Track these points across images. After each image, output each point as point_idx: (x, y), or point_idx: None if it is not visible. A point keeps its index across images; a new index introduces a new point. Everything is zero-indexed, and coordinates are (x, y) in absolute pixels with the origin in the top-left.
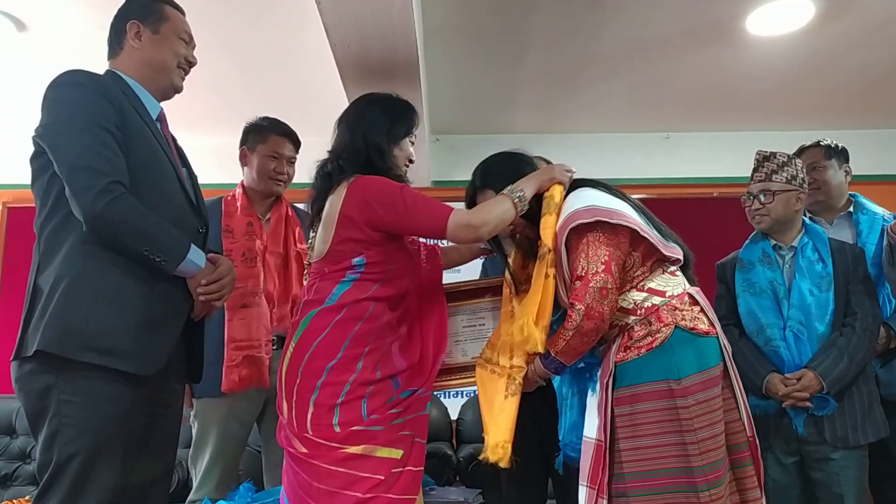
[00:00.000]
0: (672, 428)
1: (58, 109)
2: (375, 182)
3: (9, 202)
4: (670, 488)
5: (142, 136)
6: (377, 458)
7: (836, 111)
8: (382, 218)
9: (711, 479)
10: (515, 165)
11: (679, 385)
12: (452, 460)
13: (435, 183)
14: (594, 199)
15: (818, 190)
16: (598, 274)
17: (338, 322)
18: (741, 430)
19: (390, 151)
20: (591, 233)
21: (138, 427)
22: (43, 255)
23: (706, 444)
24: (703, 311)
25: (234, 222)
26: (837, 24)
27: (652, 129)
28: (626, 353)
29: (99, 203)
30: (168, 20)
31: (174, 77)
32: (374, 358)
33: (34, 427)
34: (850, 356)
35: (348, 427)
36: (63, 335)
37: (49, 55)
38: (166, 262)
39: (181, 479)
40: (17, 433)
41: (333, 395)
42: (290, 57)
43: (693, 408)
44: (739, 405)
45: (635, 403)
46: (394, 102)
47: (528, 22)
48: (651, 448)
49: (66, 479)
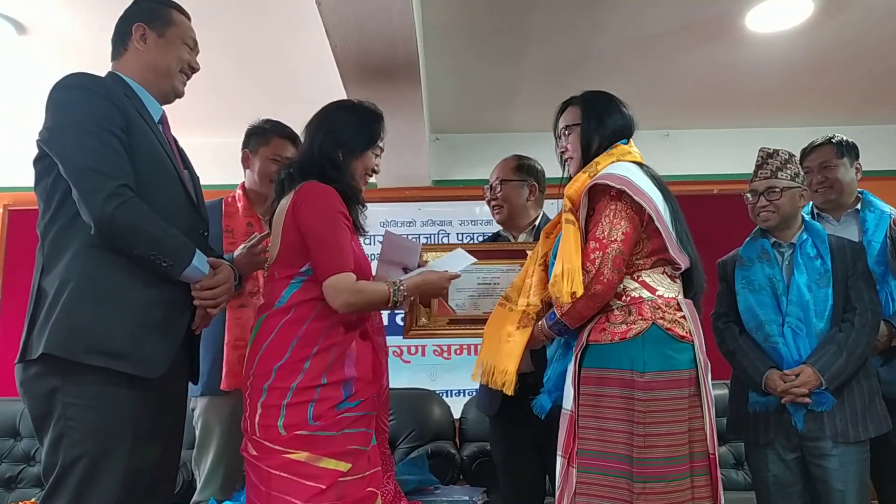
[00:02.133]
0: (625, 416)
1: (63, 112)
2: (318, 194)
3: (10, 205)
4: (615, 472)
5: (145, 138)
6: (320, 467)
7: (836, 107)
8: (304, 226)
9: (648, 473)
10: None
11: (642, 378)
12: (456, 459)
13: (435, 182)
14: (632, 173)
15: (830, 188)
16: (616, 242)
17: (286, 323)
18: (702, 439)
19: (346, 163)
20: (620, 202)
21: (143, 429)
22: (47, 258)
23: (652, 440)
24: (684, 318)
25: (235, 223)
26: (836, 20)
27: (652, 126)
28: (601, 335)
29: (109, 206)
30: (174, 25)
31: (176, 82)
32: (322, 360)
33: (39, 430)
34: (849, 351)
35: (293, 430)
36: (69, 338)
37: (49, 58)
38: (172, 266)
39: (185, 480)
40: (21, 435)
41: (280, 396)
42: (289, 57)
43: (650, 402)
44: (705, 418)
45: (601, 386)
46: (359, 111)
47: (528, 20)
48: (609, 431)
49: (71, 481)
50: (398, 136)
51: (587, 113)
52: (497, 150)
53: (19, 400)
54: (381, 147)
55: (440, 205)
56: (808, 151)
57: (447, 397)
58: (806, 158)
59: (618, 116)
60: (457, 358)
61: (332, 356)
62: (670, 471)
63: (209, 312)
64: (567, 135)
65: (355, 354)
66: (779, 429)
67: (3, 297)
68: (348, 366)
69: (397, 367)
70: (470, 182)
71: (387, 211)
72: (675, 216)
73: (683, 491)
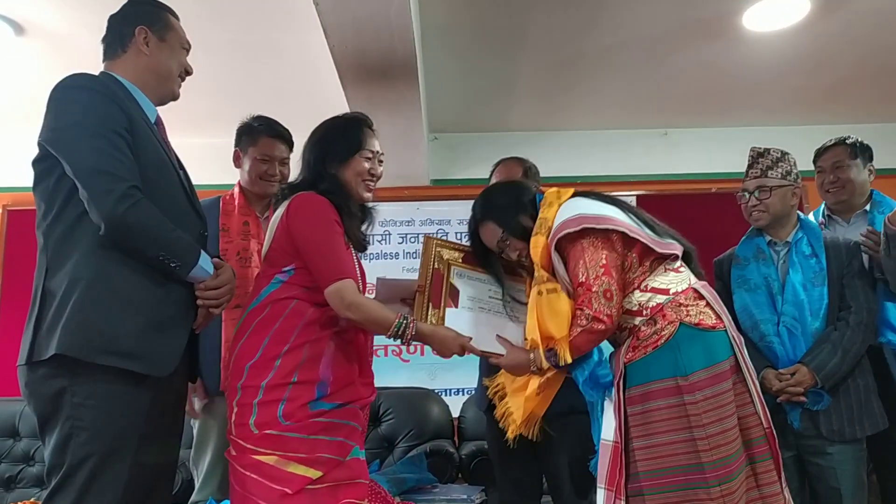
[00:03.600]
0: (681, 425)
1: (67, 113)
2: (310, 204)
3: (9, 205)
4: (683, 485)
5: (148, 140)
6: (288, 471)
7: (834, 106)
8: (299, 238)
9: (722, 474)
10: (514, 196)
11: (686, 381)
12: (455, 458)
13: (434, 181)
14: (582, 207)
15: (842, 188)
16: (599, 278)
17: (260, 321)
18: (757, 423)
19: (335, 173)
20: (585, 239)
21: (149, 429)
22: (52, 259)
23: (716, 440)
24: (708, 305)
25: (231, 221)
26: (833, 19)
27: (650, 125)
28: (634, 353)
29: (120, 207)
30: (173, 29)
31: (175, 85)
32: (294, 358)
33: (44, 430)
34: (844, 350)
35: (264, 429)
36: (81, 338)
37: (47, 59)
38: (180, 267)
39: (184, 480)
40: (21, 435)
41: (253, 395)
42: (287, 57)
43: (701, 403)
44: (754, 398)
45: (646, 402)
46: (341, 120)
47: (525, 19)
48: (663, 445)
49: (77, 480)
50: (396, 135)
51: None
52: (495, 149)
53: (19, 400)
54: (371, 151)
55: (438, 204)
56: (822, 151)
57: (446, 396)
58: (819, 158)
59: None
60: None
61: (305, 354)
62: (737, 465)
63: (211, 312)
64: (504, 242)
65: (332, 354)
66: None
67: (3, 298)
68: (324, 365)
69: (396, 366)
70: (468, 181)
71: (385, 210)
72: (637, 215)
73: (747, 480)
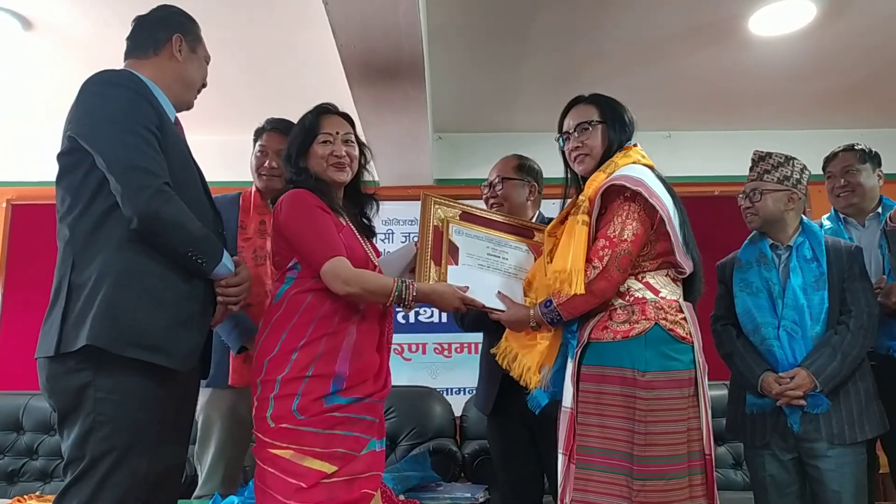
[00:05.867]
0: (627, 414)
1: (100, 108)
2: (291, 197)
3: (13, 199)
4: (614, 469)
5: (175, 138)
6: (304, 465)
7: (839, 110)
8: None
9: (648, 471)
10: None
11: (643, 377)
12: (457, 456)
13: (437, 181)
14: (647, 176)
15: (852, 192)
16: (626, 242)
17: (278, 318)
18: (698, 439)
19: (304, 167)
20: (634, 203)
21: (167, 423)
22: (79, 252)
23: (653, 439)
24: (685, 320)
25: (249, 219)
26: (839, 24)
27: (654, 127)
28: (603, 333)
29: (154, 203)
30: (202, 43)
31: (193, 95)
32: (310, 352)
33: (65, 423)
34: (844, 354)
35: (280, 422)
36: (112, 330)
37: (54, 54)
38: (206, 263)
39: (188, 475)
40: (24, 429)
41: (270, 389)
42: (295, 56)
43: (651, 401)
44: (702, 419)
45: (602, 384)
46: (300, 119)
47: (532, 21)
48: (611, 428)
49: (96, 474)
50: (401, 135)
51: (608, 112)
52: (499, 149)
53: (22, 394)
54: (329, 133)
55: None
56: (831, 157)
57: (448, 395)
58: (829, 164)
59: (629, 120)
60: (457, 356)
61: (322, 348)
62: (669, 469)
63: (230, 309)
64: (585, 130)
65: (350, 348)
66: (775, 430)
67: (6, 292)
68: (341, 359)
69: (398, 365)
70: (472, 181)
71: (389, 209)
72: (684, 221)
73: (681, 489)
